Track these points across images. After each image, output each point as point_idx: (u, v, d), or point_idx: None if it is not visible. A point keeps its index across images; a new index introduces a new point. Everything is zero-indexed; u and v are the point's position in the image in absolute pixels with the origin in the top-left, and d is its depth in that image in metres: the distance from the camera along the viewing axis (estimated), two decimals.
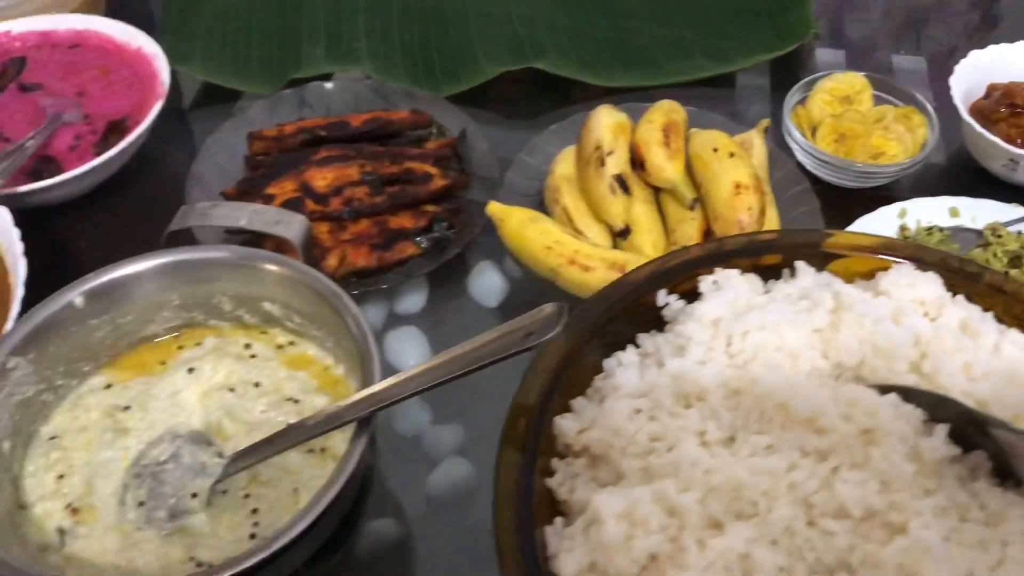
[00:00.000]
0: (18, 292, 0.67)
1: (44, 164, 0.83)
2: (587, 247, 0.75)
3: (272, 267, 0.65)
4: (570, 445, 0.55)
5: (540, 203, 0.85)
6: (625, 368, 0.57)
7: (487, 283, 0.85)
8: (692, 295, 0.61)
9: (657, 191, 0.83)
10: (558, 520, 0.52)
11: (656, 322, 0.62)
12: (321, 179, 0.81)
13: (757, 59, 1.03)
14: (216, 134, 0.90)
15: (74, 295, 0.64)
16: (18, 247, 0.70)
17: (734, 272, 0.60)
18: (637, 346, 0.60)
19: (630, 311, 0.61)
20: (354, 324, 0.62)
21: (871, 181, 0.87)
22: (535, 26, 1.07)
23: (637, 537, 0.48)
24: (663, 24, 1.08)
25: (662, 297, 0.61)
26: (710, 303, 0.57)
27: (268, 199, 0.80)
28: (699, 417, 0.52)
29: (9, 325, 0.65)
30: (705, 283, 0.60)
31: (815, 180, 0.88)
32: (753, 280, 0.61)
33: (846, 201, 0.88)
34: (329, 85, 0.96)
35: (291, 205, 0.79)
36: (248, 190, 0.82)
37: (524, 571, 0.48)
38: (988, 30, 1.23)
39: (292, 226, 0.69)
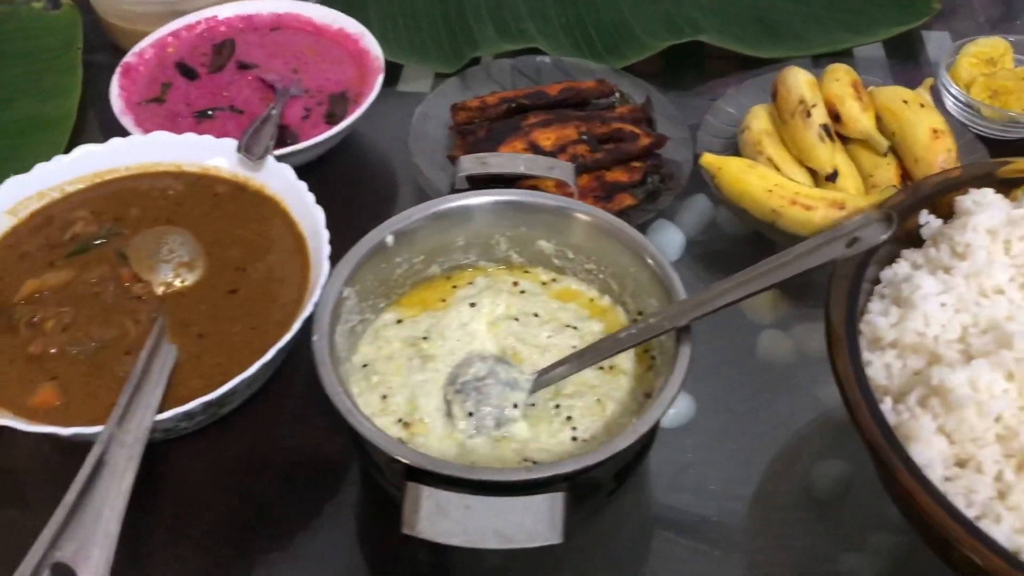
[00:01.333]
0: (324, 234, 0.73)
1: (282, 133, 0.89)
2: (806, 188, 0.83)
3: (565, 208, 0.72)
4: (880, 339, 0.62)
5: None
6: (911, 276, 0.65)
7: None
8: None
9: (844, 142, 0.91)
10: (886, 399, 0.59)
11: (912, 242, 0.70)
12: (545, 139, 0.89)
13: (893, 31, 1.12)
14: (421, 107, 0.97)
15: (386, 234, 0.71)
16: (309, 197, 0.76)
17: (989, 191, 0.69)
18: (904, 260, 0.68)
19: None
20: (647, 252, 0.70)
21: None
22: (681, 5, 1.15)
23: (984, 401, 0.55)
24: (794, 1, 1.17)
25: (923, 217, 0.69)
26: (983, 215, 0.65)
27: None
28: (1002, 306, 0.60)
29: (324, 266, 0.71)
30: (966, 202, 0.68)
31: None
32: (1003, 199, 0.69)
33: (999, 152, 0.97)
34: (511, 61, 1.03)
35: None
36: (475, 152, 0.89)
37: (886, 439, 0.55)
38: (1011, 21, 1.32)
39: (565, 170, 0.76)
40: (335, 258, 0.70)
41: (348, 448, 0.75)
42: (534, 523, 0.54)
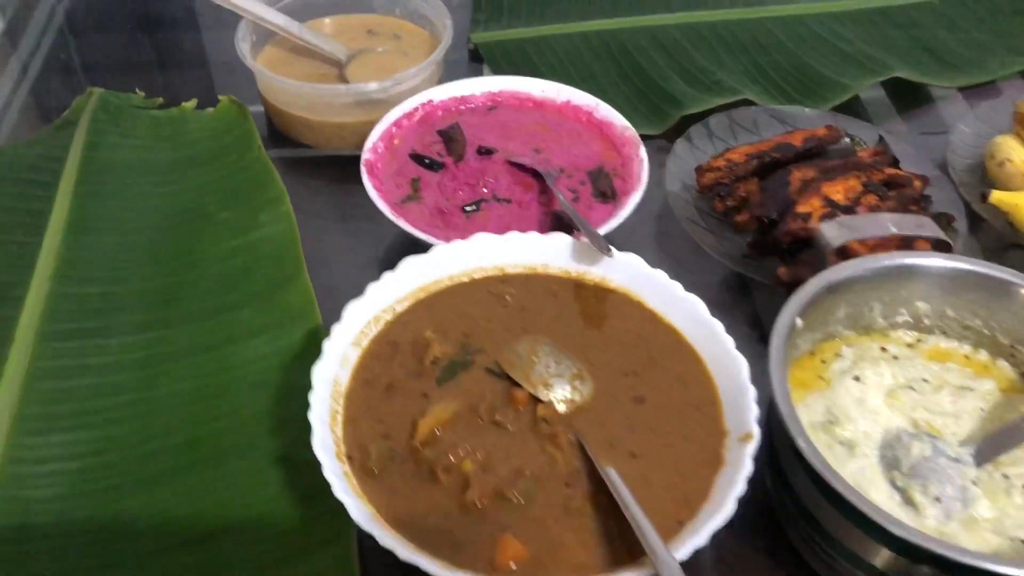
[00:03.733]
0: (714, 323, 0.68)
1: (558, 219, 0.84)
2: None
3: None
4: None
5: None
6: None
7: None
8: None
9: None
10: None
11: None
12: (836, 193, 0.86)
13: None
14: (668, 170, 0.93)
15: (795, 316, 0.66)
16: (674, 286, 0.71)
17: None
18: None
19: None
20: None
21: None
22: (854, 45, 1.14)
23: None
24: (948, 29, 1.18)
25: None
26: None
27: (803, 217, 0.83)
28: None
29: (736, 356, 0.66)
30: None
31: None
32: None
33: None
34: (727, 114, 1.01)
35: (828, 219, 0.83)
36: (763, 214, 0.85)
37: None
38: None
39: (933, 227, 0.73)
40: None
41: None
42: None
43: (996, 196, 0.86)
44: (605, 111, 0.93)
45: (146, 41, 1.21)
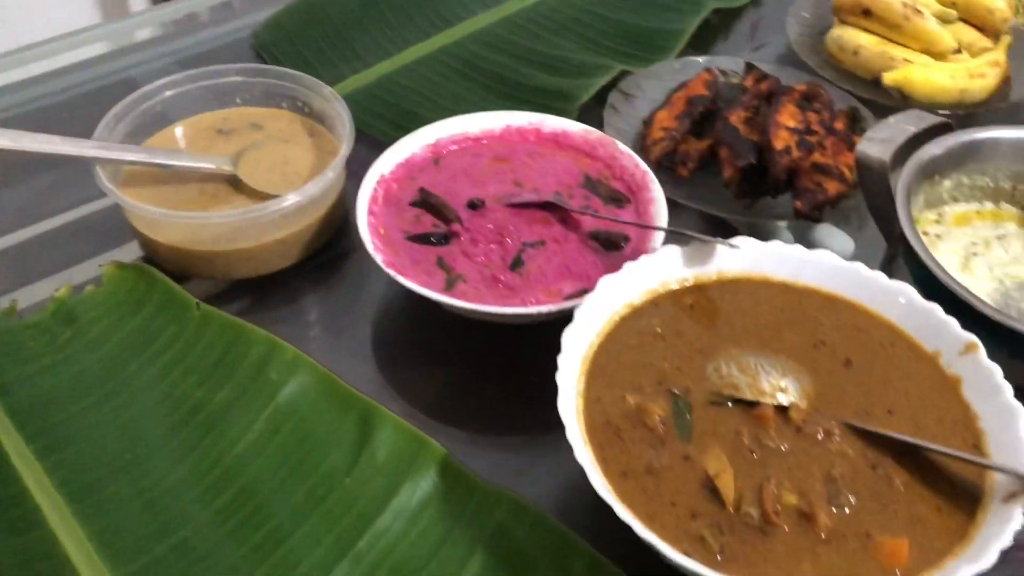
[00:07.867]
0: None
1: (598, 240, 0.80)
2: (970, 63, 1.00)
3: None
4: None
5: None
6: None
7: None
8: None
9: None
10: None
11: None
12: (789, 122, 0.92)
13: None
14: None
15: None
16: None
17: None
18: None
19: None
20: None
21: None
22: None
23: None
24: None
25: None
26: None
27: (786, 151, 0.88)
28: None
29: None
30: None
31: None
32: None
33: None
34: (618, 90, 1.02)
35: (797, 144, 0.89)
36: (746, 163, 0.89)
37: None
38: None
39: (929, 117, 0.82)
40: None
41: None
42: None
43: (888, 78, 0.98)
44: (553, 123, 0.90)
45: None
